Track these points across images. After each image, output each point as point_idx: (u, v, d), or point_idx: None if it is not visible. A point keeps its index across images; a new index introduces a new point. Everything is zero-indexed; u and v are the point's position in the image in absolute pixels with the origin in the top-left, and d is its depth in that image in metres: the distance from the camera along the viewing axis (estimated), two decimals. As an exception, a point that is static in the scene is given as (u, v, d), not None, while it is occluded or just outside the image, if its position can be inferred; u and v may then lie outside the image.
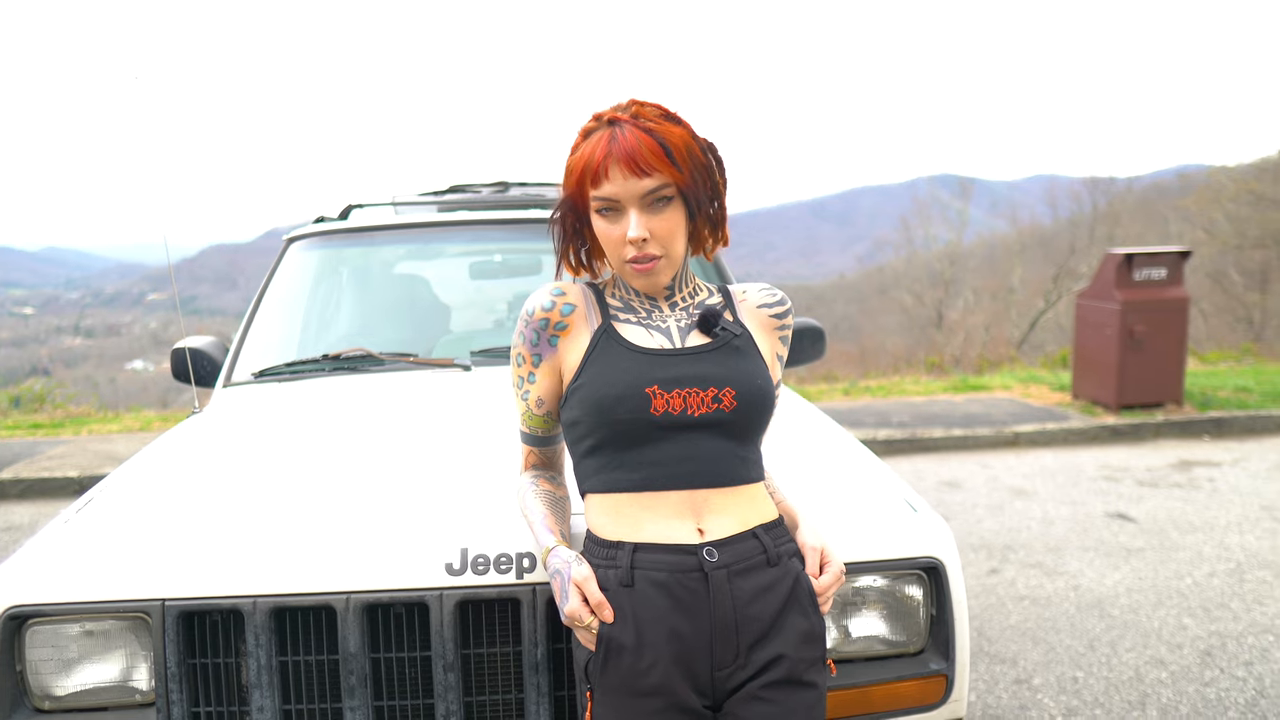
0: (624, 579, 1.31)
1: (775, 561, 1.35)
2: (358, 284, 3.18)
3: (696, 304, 1.46)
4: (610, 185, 1.30)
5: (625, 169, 1.29)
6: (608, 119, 1.33)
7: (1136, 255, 7.46)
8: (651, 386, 1.33)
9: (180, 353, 2.80)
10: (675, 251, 1.37)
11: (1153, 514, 5.16)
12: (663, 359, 1.36)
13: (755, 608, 1.31)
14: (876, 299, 33.21)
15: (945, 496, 5.65)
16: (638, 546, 1.32)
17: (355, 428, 2.16)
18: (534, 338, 1.42)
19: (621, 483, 1.34)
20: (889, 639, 1.62)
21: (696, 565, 1.30)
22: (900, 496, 1.75)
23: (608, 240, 1.35)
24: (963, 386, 9.25)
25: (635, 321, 1.41)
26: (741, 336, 1.43)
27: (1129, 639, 3.51)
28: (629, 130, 1.30)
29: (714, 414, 1.34)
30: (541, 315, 1.42)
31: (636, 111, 1.33)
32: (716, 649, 1.30)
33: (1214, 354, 12.37)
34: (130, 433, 7.99)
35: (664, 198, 1.32)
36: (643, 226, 1.31)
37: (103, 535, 1.65)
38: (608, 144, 1.30)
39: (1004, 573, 4.27)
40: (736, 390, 1.35)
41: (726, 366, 1.37)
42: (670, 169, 1.30)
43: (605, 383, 1.34)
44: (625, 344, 1.38)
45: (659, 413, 1.32)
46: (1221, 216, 22.98)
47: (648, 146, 1.29)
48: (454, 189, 3.70)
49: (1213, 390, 8.19)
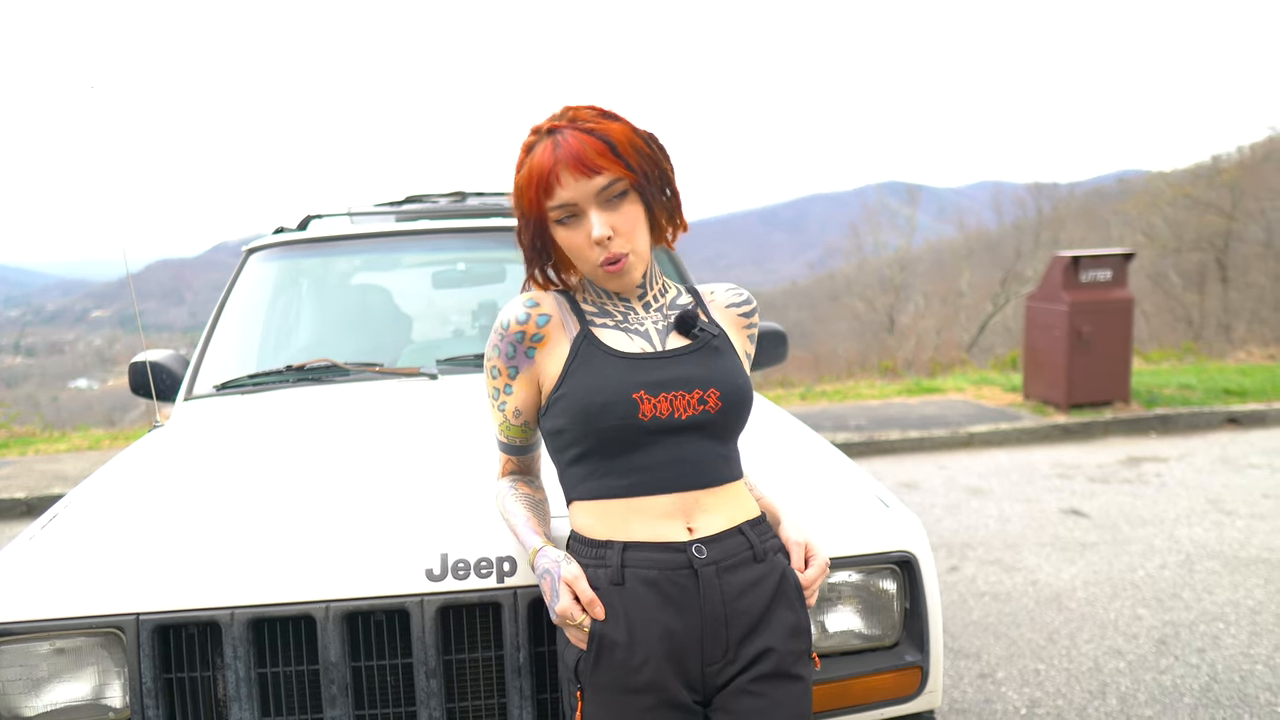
0: (614, 578, 1.32)
1: (762, 557, 1.37)
2: (319, 294, 3.15)
3: (669, 303, 1.47)
4: (564, 191, 1.31)
5: (574, 172, 1.29)
6: (546, 129, 1.34)
7: (1083, 258, 7.66)
8: (638, 391, 1.33)
9: (140, 366, 2.75)
10: (641, 245, 1.37)
11: (1105, 509, 5.29)
12: (646, 363, 1.37)
13: (744, 603, 1.33)
14: (828, 305, 33.60)
15: (904, 497, 5.73)
16: (627, 545, 1.33)
17: (325, 438, 2.14)
18: (510, 350, 1.42)
19: (611, 489, 1.35)
20: (865, 633, 1.65)
21: (686, 562, 1.32)
22: (872, 493, 1.78)
23: (573, 247, 1.35)
24: (917, 389, 9.40)
25: (613, 325, 1.41)
26: (720, 336, 1.44)
27: (1087, 631, 3.60)
28: (570, 134, 1.31)
29: (700, 415, 1.35)
30: (517, 328, 1.41)
31: (573, 116, 1.34)
32: (707, 645, 1.31)
33: (1157, 353, 12.71)
34: (79, 452, 7.79)
35: (619, 193, 1.32)
36: (605, 224, 1.32)
37: (71, 551, 1.62)
38: (552, 152, 1.30)
39: (964, 570, 4.35)
40: (720, 391, 1.36)
41: (708, 367, 1.38)
42: (618, 164, 1.31)
43: (590, 390, 1.34)
44: (607, 349, 1.38)
45: (647, 417, 1.32)
46: (1160, 220, 23.66)
47: (592, 146, 1.30)
48: (411, 199, 3.69)
49: (1158, 388, 8.42)
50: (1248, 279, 21.90)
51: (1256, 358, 11.45)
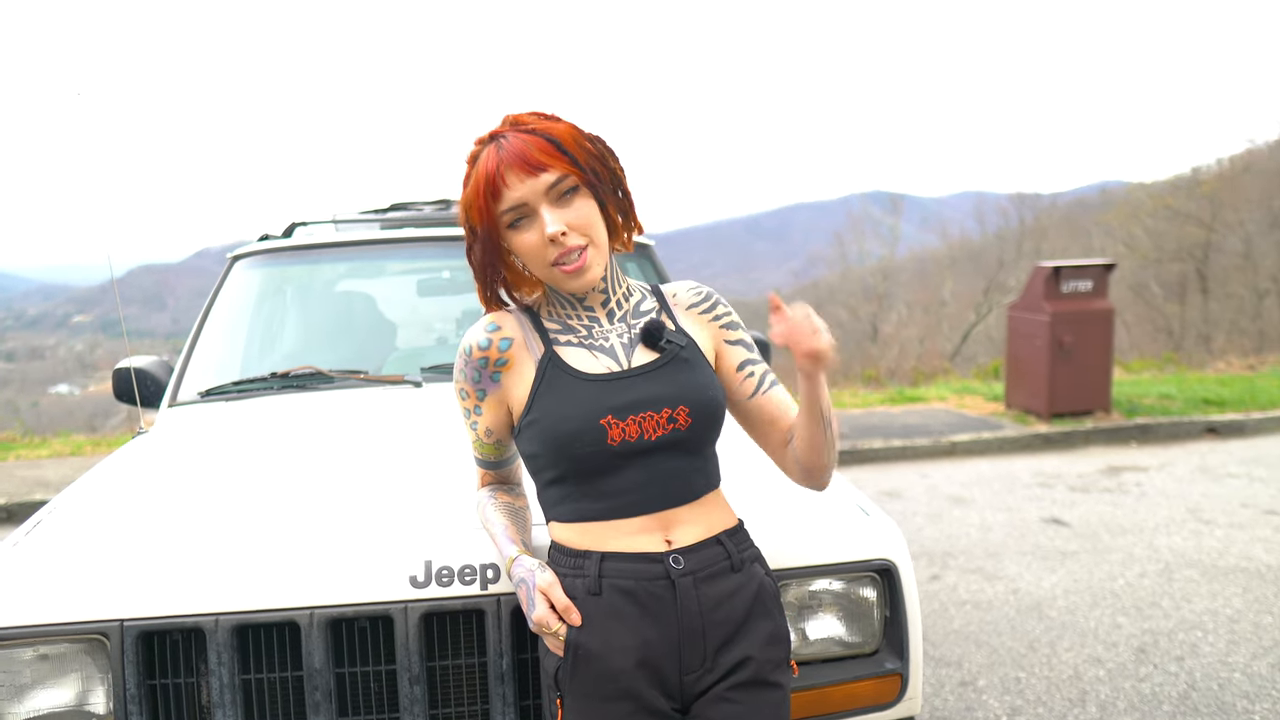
0: (591, 588, 1.33)
1: (739, 567, 1.37)
2: (304, 302, 3.15)
3: (634, 309, 1.44)
4: (512, 192, 1.29)
5: (520, 171, 1.28)
6: (488, 137, 1.33)
7: (1064, 268, 7.73)
8: (605, 416, 1.31)
9: (124, 373, 2.75)
10: (599, 238, 1.34)
11: (1085, 518, 5.33)
12: (613, 384, 1.34)
13: (721, 613, 1.33)
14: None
15: (886, 506, 5.76)
16: (605, 555, 1.33)
17: (310, 444, 2.15)
18: (475, 375, 1.40)
19: (587, 512, 1.35)
20: (845, 640, 1.66)
21: (663, 573, 1.32)
22: (852, 501, 1.80)
23: (529, 250, 1.32)
24: (900, 398, 9.45)
25: (578, 343, 1.39)
26: (688, 346, 1.41)
27: (1067, 639, 3.63)
28: (513, 137, 1.30)
29: (670, 434, 1.33)
30: (479, 354, 1.39)
31: (514, 120, 1.33)
32: (684, 654, 1.32)
33: (1137, 363, 12.83)
34: (60, 458, 7.73)
35: (568, 189, 1.30)
36: (558, 220, 1.29)
37: (55, 557, 1.61)
38: (496, 155, 1.29)
39: (945, 578, 4.38)
40: (690, 407, 1.34)
41: (677, 383, 1.36)
42: (563, 160, 1.29)
43: (559, 417, 1.32)
44: (572, 372, 1.35)
45: (616, 442, 1.31)
46: (1141, 231, 23.89)
47: (535, 145, 1.28)
48: (395, 207, 3.69)
49: (1138, 398, 8.50)
50: (1227, 290, 22.14)
51: (1235, 368, 11.57)
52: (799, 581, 1.64)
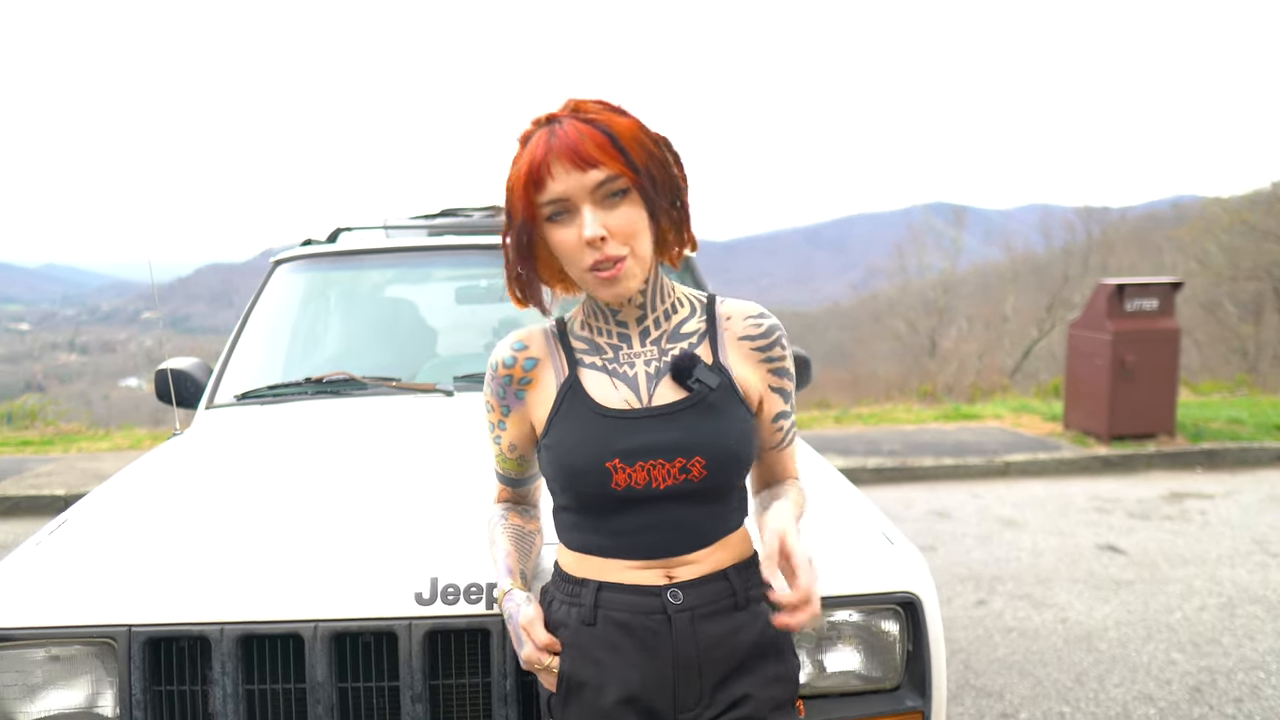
0: (586, 618, 1.28)
1: (744, 605, 1.30)
2: (343, 307, 3.17)
3: (673, 330, 1.33)
4: (555, 185, 1.18)
5: (568, 163, 1.17)
6: (545, 119, 1.23)
7: (1128, 286, 7.49)
8: (613, 460, 1.24)
9: (163, 374, 2.79)
10: (642, 250, 1.23)
11: (1143, 546, 5.14)
12: (626, 424, 1.26)
13: (720, 651, 1.27)
14: (870, 326, 33.27)
15: (934, 526, 5.63)
16: (601, 585, 1.28)
17: (332, 453, 2.15)
18: (500, 391, 1.36)
19: (590, 546, 1.30)
20: (864, 674, 1.60)
21: (660, 607, 1.26)
22: (877, 528, 1.73)
23: (565, 249, 1.22)
24: (954, 415, 9.25)
25: (601, 366, 1.31)
26: (719, 389, 1.29)
27: (1117, 673, 3.49)
28: (569, 124, 1.19)
29: (681, 485, 1.24)
30: (505, 372, 1.34)
31: (576, 106, 1.22)
32: (679, 691, 1.27)
33: (1207, 385, 12.39)
34: (119, 451, 7.95)
35: (617, 191, 1.19)
36: (598, 224, 1.18)
37: (73, 559, 1.63)
38: (546, 142, 1.19)
39: (991, 604, 4.24)
40: (706, 459, 1.24)
41: (697, 431, 1.25)
42: (618, 160, 1.18)
43: (569, 452, 1.27)
44: (589, 403, 1.28)
45: (621, 487, 1.24)
46: (1215, 247, 23.10)
47: (591, 137, 1.17)
48: (446, 212, 3.70)
49: (1205, 421, 8.19)
50: (1306, 310, 21.31)
51: (1311, 393, 11.11)
52: (817, 612, 1.58)
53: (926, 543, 5.24)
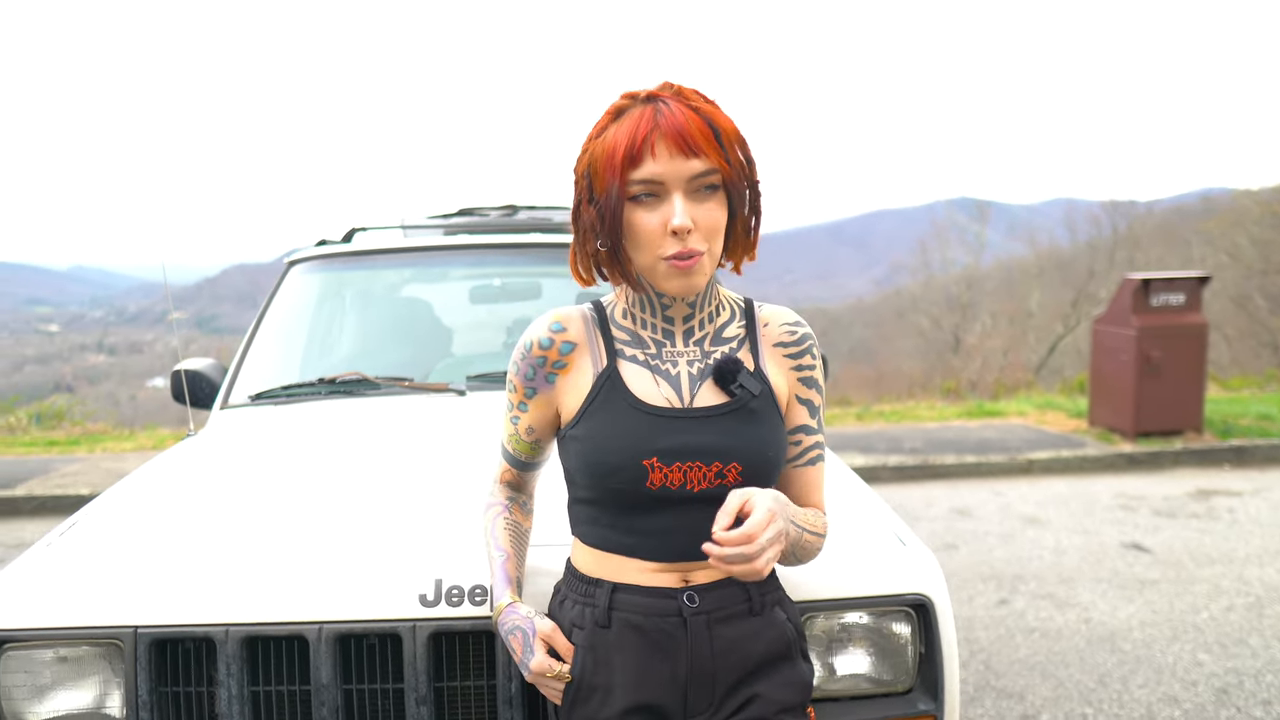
0: (600, 619, 1.27)
1: (759, 610, 1.28)
2: (357, 307, 3.18)
3: (716, 332, 1.31)
4: (654, 165, 1.15)
5: (673, 146, 1.15)
6: (645, 96, 1.19)
7: (1153, 281, 7.38)
8: (650, 458, 1.22)
9: (179, 375, 2.81)
10: (716, 249, 1.22)
11: (1169, 545, 5.06)
12: (666, 422, 1.24)
13: (735, 656, 1.26)
14: (893, 322, 33.06)
15: (956, 524, 5.57)
16: (616, 586, 1.27)
17: (341, 454, 2.15)
18: (530, 372, 1.32)
19: (610, 543, 1.28)
20: (876, 677, 1.57)
21: (675, 610, 1.25)
22: (889, 529, 1.71)
23: (644, 231, 1.18)
24: (977, 412, 9.16)
25: (642, 361, 1.28)
26: (760, 396, 1.27)
27: (1141, 675, 3.43)
28: (676, 106, 1.16)
29: (715, 489, 1.23)
30: (539, 353, 1.31)
31: (678, 90, 1.20)
32: (692, 695, 1.25)
33: (1237, 380, 12.20)
34: (143, 451, 8.03)
35: (710, 185, 1.18)
36: (687, 213, 1.16)
37: (82, 560, 1.64)
38: (653, 119, 1.15)
39: (1014, 604, 4.19)
40: (743, 465, 1.23)
41: (736, 436, 1.24)
42: (718, 154, 1.17)
43: (602, 446, 1.24)
44: (628, 397, 1.25)
45: (655, 486, 1.22)
46: (1245, 240, 22.74)
47: (698, 125, 1.16)
48: (463, 212, 3.70)
49: (1234, 418, 8.06)
50: (1339, 304, 20.94)
51: (1344, 388, 10.91)
52: (827, 614, 1.55)
53: (948, 541, 5.19)
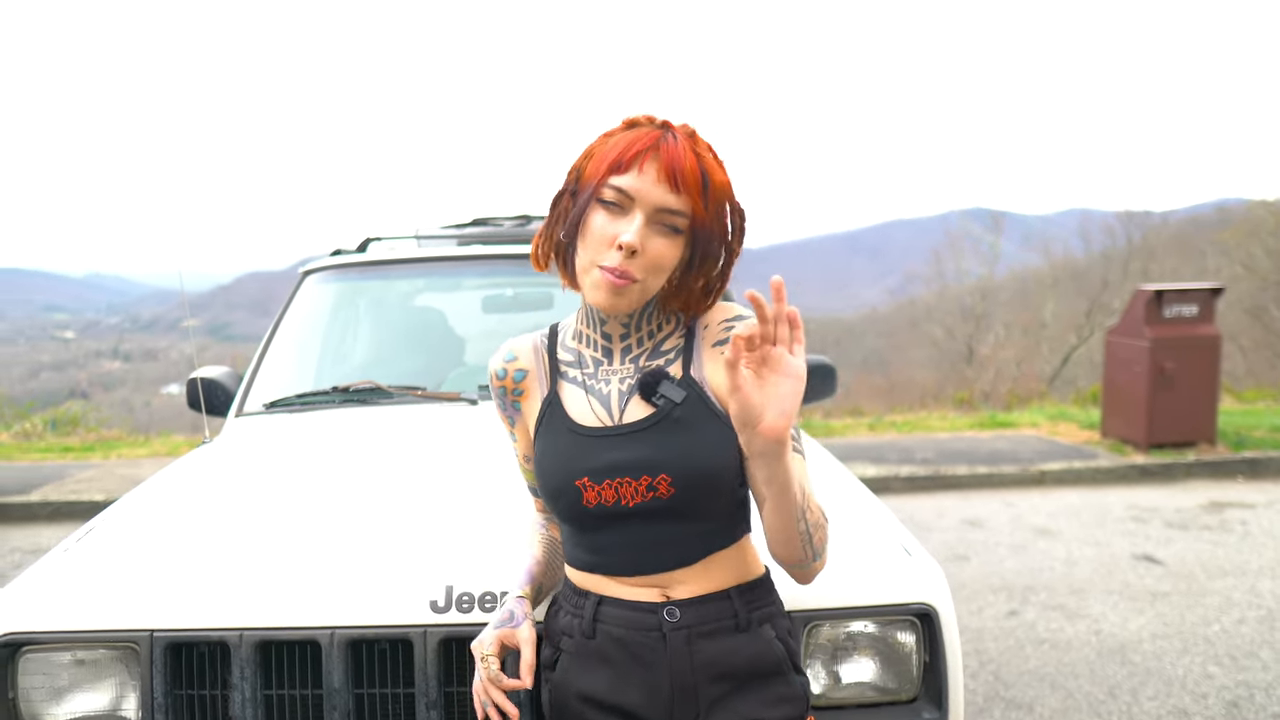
0: (586, 630, 1.28)
1: (745, 627, 1.27)
2: (371, 316, 3.21)
3: (654, 346, 1.31)
4: (635, 180, 1.18)
5: (661, 172, 1.18)
6: (661, 122, 1.24)
7: (1166, 292, 7.36)
8: (581, 479, 1.24)
9: (194, 383, 2.85)
10: (653, 284, 1.23)
11: (1181, 557, 5.04)
12: (595, 442, 1.26)
13: (716, 671, 1.25)
14: (907, 332, 32.96)
15: (967, 535, 5.56)
16: (602, 599, 1.29)
17: (355, 462, 2.18)
18: (501, 404, 1.39)
19: (583, 562, 1.31)
20: (880, 686, 1.59)
21: (656, 624, 1.25)
22: (895, 539, 1.72)
23: (595, 233, 1.21)
24: (990, 423, 9.14)
25: (580, 381, 1.31)
26: (685, 403, 1.25)
27: (1151, 687, 3.42)
28: (682, 143, 1.20)
29: (650, 502, 1.23)
30: (498, 384, 1.37)
31: (692, 133, 1.24)
32: (675, 709, 1.25)
33: (1252, 392, 12.12)
34: (157, 457, 8.09)
35: (674, 226, 1.20)
36: (639, 237, 1.18)
37: (99, 565, 1.67)
38: (655, 141, 1.19)
39: (1024, 615, 4.18)
40: (673, 476, 1.22)
41: (662, 447, 1.23)
42: (698, 200, 1.19)
43: (543, 471, 1.29)
44: (565, 420, 1.29)
45: (592, 505, 1.24)
46: (1261, 251, 22.59)
47: (691, 168, 1.19)
48: (476, 222, 3.74)
49: (1248, 430, 8.02)
50: (1355, 316, 20.77)
51: (1360, 400, 10.83)
52: (832, 623, 1.57)
53: (959, 552, 5.18)
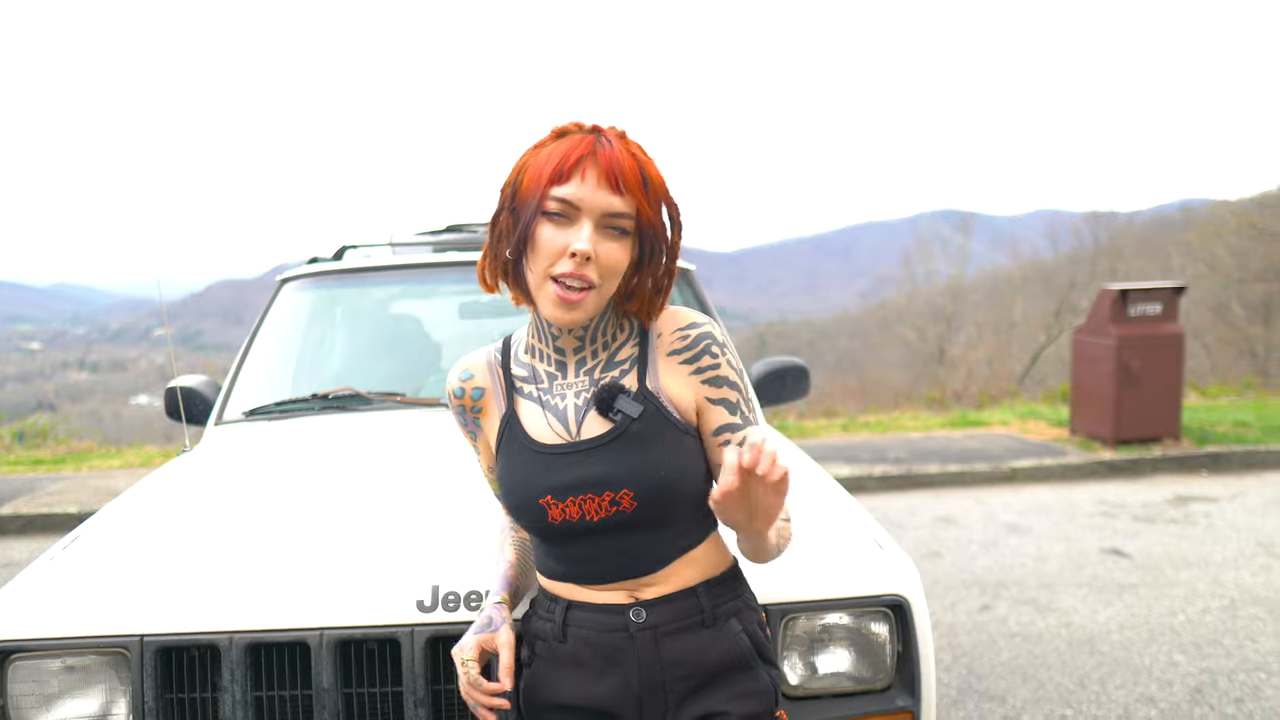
0: (557, 634, 1.31)
1: (711, 623, 1.29)
2: (349, 324, 3.23)
3: (608, 358, 1.32)
4: (578, 188, 1.18)
5: (601, 177, 1.19)
6: (590, 127, 1.24)
7: (1131, 291, 7.52)
8: (544, 497, 1.25)
9: (173, 391, 2.85)
10: (608, 289, 1.23)
11: (1148, 550, 5.15)
12: (555, 460, 1.26)
13: (684, 669, 1.28)
14: (879, 334, 33.26)
15: (940, 532, 5.65)
16: (571, 604, 1.31)
17: (337, 467, 2.20)
18: (461, 420, 1.41)
19: (552, 571, 1.33)
20: (856, 675, 1.64)
21: (624, 625, 1.28)
22: (868, 535, 1.77)
23: (545, 247, 1.20)
24: (961, 422, 9.26)
25: (536, 397, 1.32)
26: (641, 417, 1.25)
27: (1119, 676, 3.51)
28: (617, 145, 1.21)
29: (614, 516, 1.24)
30: (457, 402, 1.39)
31: (622, 134, 1.25)
32: (645, 707, 1.28)
33: (1215, 388, 12.37)
34: (131, 469, 8.02)
35: (622, 228, 1.21)
36: (591, 243, 1.18)
37: (86, 572, 1.69)
38: (591, 147, 1.20)
39: (996, 609, 4.27)
40: (635, 490, 1.23)
41: (622, 463, 1.24)
42: (643, 200, 1.21)
43: (506, 489, 1.31)
44: (524, 439, 1.30)
45: (557, 521, 1.26)
46: (1224, 250, 23.03)
47: (630, 168, 1.20)
48: (451, 228, 3.76)
49: (1211, 425, 8.19)
50: (1315, 312, 21.22)
51: (1320, 395, 11.08)
52: (809, 615, 1.62)
53: (932, 549, 5.26)
